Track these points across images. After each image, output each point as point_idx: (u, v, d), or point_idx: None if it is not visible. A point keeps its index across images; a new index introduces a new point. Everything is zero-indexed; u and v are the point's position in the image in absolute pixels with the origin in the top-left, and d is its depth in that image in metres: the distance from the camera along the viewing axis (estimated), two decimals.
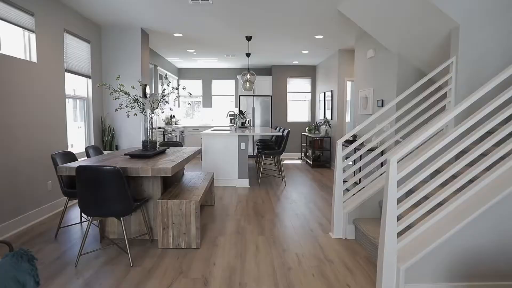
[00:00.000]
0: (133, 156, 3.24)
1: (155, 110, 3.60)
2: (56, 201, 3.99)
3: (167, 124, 9.40)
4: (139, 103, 3.53)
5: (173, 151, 3.89)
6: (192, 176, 4.13)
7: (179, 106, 10.06)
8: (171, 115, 9.50)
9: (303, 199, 4.72)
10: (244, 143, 5.42)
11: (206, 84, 9.98)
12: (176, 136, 8.09)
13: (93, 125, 4.91)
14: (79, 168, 2.43)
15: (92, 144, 4.90)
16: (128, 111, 3.39)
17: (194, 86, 10.03)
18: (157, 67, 7.44)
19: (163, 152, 3.72)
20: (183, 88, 3.87)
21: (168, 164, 2.84)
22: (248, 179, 5.48)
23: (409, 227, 2.48)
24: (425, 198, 2.71)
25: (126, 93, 3.45)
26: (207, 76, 9.94)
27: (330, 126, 7.41)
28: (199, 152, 4.14)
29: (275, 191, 5.20)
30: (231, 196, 4.84)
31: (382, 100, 4.82)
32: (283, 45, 6.61)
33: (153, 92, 7.03)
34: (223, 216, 3.90)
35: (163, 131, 6.94)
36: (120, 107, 3.41)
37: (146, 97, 5.55)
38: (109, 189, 2.47)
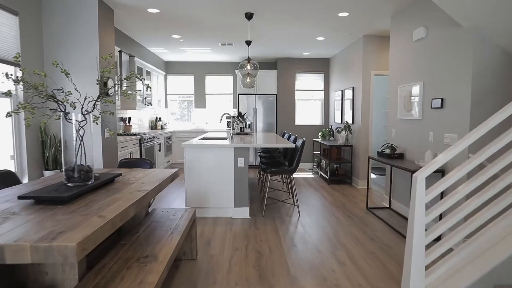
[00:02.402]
0: (38, 200, 1.75)
1: (91, 113, 2.10)
2: None
3: (151, 128, 7.92)
4: (59, 103, 2.03)
5: (128, 179, 2.40)
6: (161, 217, 2.63)
7: (166, 106, 8.56)
8: (156, 118, 8.01)
9: (329, 243, 3.22)
10: (243, 158, 3.92)
11: (199, 80, 8.48)
12: (159, 144, 6.60)
13: (25, 134, 3.41)
14: None
15: (24, 161, 3.40)
16: (29, 118, 1.89)
17: (185, 83, 8.53)
18: (134, 58, 5.95)
19: (109, 182, 2.23)
20: (139, 78, 2.36)
21: (79, 230, 1.34)
22: (248, 208, 3.98)
23: None
24: None
25: (34, 87, 1.97)
26: (199, 71, 8.45)
27: (351, 132, 5.92)
28: (173, 177, 2.66)
29: (286, 226, 3.70)
30: (224, 237, 3.34)
31: (442, 99, 3.32)
32: (293, 29, 5.12)
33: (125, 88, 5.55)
34: (209, 285, 2.40)
35: (139, 139, 5.44)
36: (18, 109, 1.91)
37: (109, 95, 4.06)
38: None
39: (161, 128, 8.20)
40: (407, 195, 3.99)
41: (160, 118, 8.14)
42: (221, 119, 4.70)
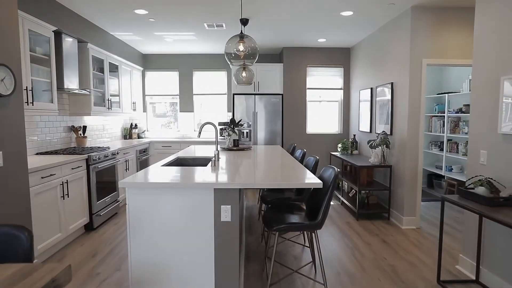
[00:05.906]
0: None
1: None
2: None
3: (125, 137, 6.25)
4: None
5: None
6: None
7: (145, 110, 6.87)
8: (131, 125, 6.33)
9: None
10: (230, 206, 2.21)
11: (185, 77, 6.78)
12: (126, 161, 4.89)
13: None
14: None
15: None
16: None
17: (168, 80, 6.84)
18: (87, 44, 4.28)
19: None
20: None
21: None
22: None
23: None
24: None
25: None
26: (185, 65, 6.75)
27: (388, 147, 4.21)
28: None
29: None
30: None
31: None
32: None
33: (64, 86, 3.86)
34: None
35: (86, 160, 3.73)
36: None
37: (6, 94, 2.35)
38: None
39: (138, 138, 6.53)
40: None
41: (136, 125, 6.47)
42: (199, 133, 3.00)
